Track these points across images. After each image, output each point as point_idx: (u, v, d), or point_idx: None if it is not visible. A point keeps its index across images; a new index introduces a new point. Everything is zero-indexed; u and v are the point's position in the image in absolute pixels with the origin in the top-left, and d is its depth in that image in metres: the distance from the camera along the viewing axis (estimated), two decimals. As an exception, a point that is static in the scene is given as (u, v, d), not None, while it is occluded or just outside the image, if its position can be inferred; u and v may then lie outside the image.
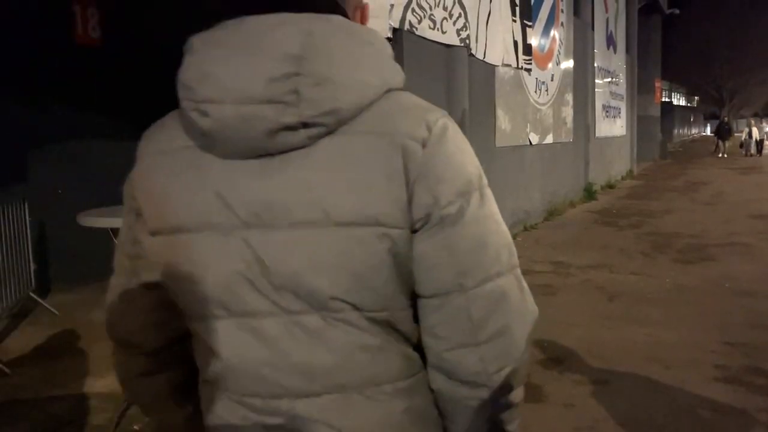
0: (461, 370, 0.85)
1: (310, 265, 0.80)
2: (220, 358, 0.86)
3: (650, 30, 24.49)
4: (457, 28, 6.52)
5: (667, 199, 13.12)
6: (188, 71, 0.81)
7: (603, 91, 15.66)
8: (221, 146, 0.80)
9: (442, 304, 0.83)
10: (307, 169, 0.79)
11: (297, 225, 0.79)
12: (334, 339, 0.82)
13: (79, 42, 6.39)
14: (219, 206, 0.81)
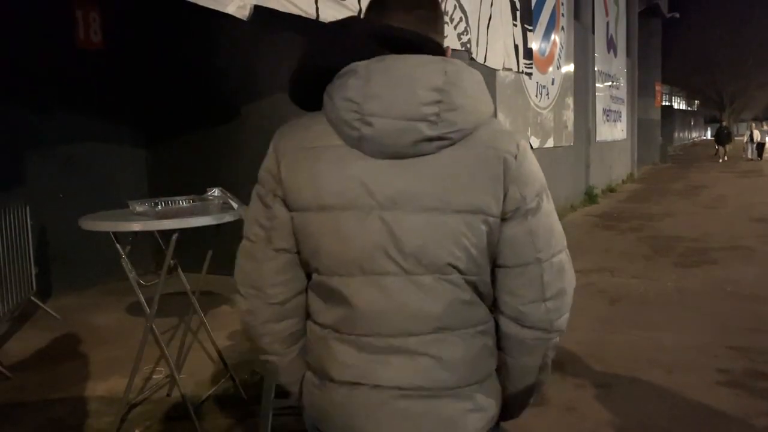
0: (531, 318, 1.17)
1: (433, 240, 1.10)
2: (350, 306, 1.14)
3: (650, 34, 24.51)
4: (458, 32, 6.53)
5: (668, 203, 13.12)
6: (355, 91, 1.08)
7: (603, 95, 15.67)
8: (371, 147, 1.09)
9: (522, 272, 1.15)
10: (434, 170, 1.09)
11: (424, 210, 1.09)
12: (441, 294, 1.13)
13: (81, 46, 6.41)
14: (362, 192, 1.10)
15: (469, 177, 1.10)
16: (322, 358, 1.20)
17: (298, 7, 4.37)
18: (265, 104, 6.36)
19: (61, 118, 6.27)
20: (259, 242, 1.22)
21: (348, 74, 1.10)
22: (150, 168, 7.25)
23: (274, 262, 1.21)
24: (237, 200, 3.21)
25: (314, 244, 1.15)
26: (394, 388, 1.14)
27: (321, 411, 1.22)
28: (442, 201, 1.09)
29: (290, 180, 1.15)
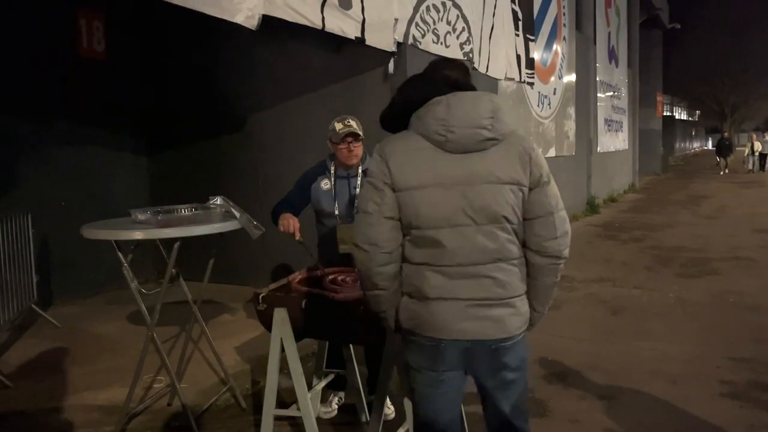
0: (549, 250, 1.88)
1: (493, 201, 1.81)
2: (442, 247, 1.82)
3: (651, 44, 24.58)
4: (460, 42, 6.54)
5: (670, 213, 13.11)
6: (442, 112, 1.80)
7: (605, 105, 15.70)
8: (452, 147, 1.81)
9: (543, 220, 1.86)
10: (490, 158, 1.82)
11: (486, 182, 1.81)
12: (497, 236, 1.84)
13: (84, 55, 6.43)
14: (446, 175, 1.81)
15: (509, 162, 1.84)
16: (418, 284, 1.87)
17: (304, 17, 4.41)
18: (268, 113, 6.37)
19: (64, 127, 6.28)
20: (374, 213, 1.85)
21: (435, 103, 1.83)
22: (152, 176, 7.25)
23: (384, 226, 1.85)
24: (239, 208, 3.21)
25: (416, 209, 1.82)
26: (468, 299, 1.84)
27: (419, 319, 1.89)
28: (496, 177, 1.82)
29: (397, 171, 1.83)
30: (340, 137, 3.16)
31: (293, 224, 3.12)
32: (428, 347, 1.90)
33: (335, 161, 3.31)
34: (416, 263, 1.87)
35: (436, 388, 1.95)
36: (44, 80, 6.01)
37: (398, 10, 5.46)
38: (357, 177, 3.29)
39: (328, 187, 3.31)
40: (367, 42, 5.09)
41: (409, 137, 1.85)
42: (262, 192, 6.15)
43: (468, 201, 1.80)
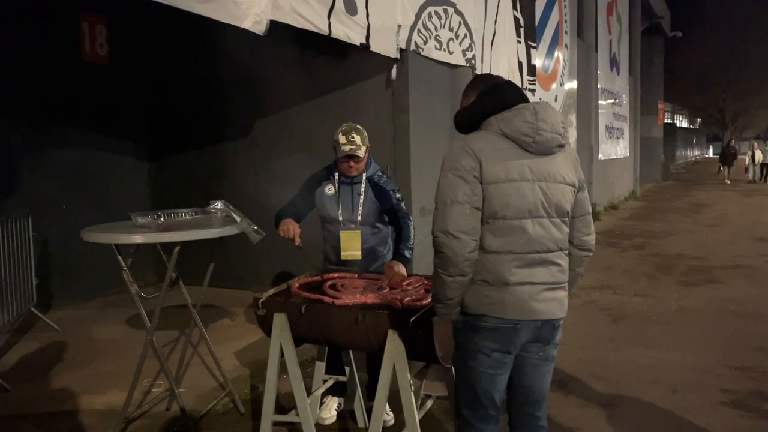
0: (586, 244, 2.24)
1: (563, 198, 2.11)
2: (527, 235, 2.05)
3: (653, 52, 24.62)
4: (462, 49, 6.55)
5: (671, 221, 13.10)
6: (531, 116, 2.06)
7: (606, 112, 15.70)
8: (537, 148, 2.06)
9: (584, 218, 2.22)
10: (557, 161, 2.11)
11: (557, 182, 2.09)
12: (562, 228, 2.14)
13: (86, 59, 6.44)
14: (529, 172, 2.05)
15: (569, 166, 2.16)
16: (499, 270, 2.05)
17: (311, 22, 4.43)
18: (270, 118, 6.38)
19: (66, 130, 6.28)
20: (465, 204, 2.02)
21: (522, 108, 2.09)
22: (153, 180, 7.25)
23: (474, 216, 2.03)
24: (239, 213, 3.20)
25: (505, 200, 2.03)
26: (541, 283, 2.09)
27: (497, 303, 2.07)
28: (563, 178, 2.12)
29: (488, 165, 2.02)
30: (342, 154, 3.17)
31: (293, 229, 3.13)
32: (503, 329, 2.08)
33: (339, 166, 3.31)
34: (494, 251, 2.06)
35: (500, 369, 2.15)
36: (47, 84, 6.02)
37: (401, 16, 5.47)
38: (361, 183, 3.30)
39: (332, 192, 3.33)
40: (371, 48, 5.11)
41: (492, 137, 2.07)
42: (263, 196, 6.14)
43: (546, 196, 2.06)
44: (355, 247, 3.28)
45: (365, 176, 3.30)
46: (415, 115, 5.76)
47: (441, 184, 2.07)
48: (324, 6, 4.59)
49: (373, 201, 3.30)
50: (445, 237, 2.01)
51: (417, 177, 5.77)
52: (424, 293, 2.73)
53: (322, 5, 4.57)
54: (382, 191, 3.30)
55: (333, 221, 3.34)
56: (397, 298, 2.61)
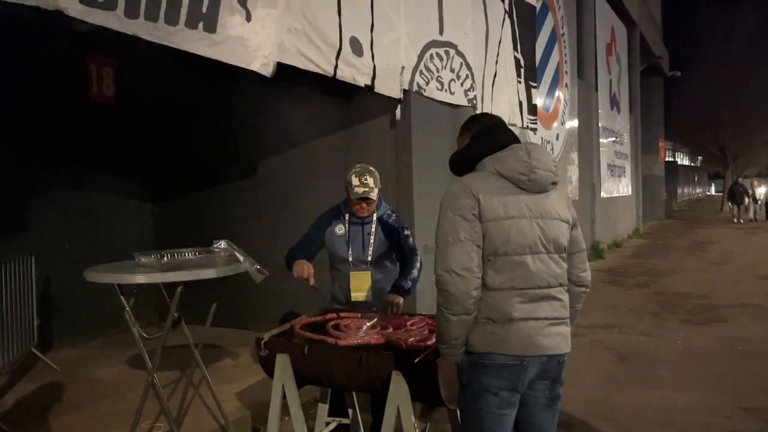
0: (583, 280, 2.29)
1: (560, 234, 2.15)
2: (528, 271, 2.08)
3: (653, 91, 24.91)
4: (464, 89, 6.64)
5: (675, 259, 13.05)
6: (525, 155, 2.13)
7: (608, 151, 15.81)
8: (532, 186, 2.12)
9: (579, 255, 2.27)
10: (551, 199, 2.17)
11: (553, 218, 2.14)
12: (561, 264, 2.17)
13: (94, 99, 6.53)
14: (526, 209, 2.10)
15: (563, 203, 2.22)
16: (503, 307, 2.07)
17: (317, 65, 4.52)
18: (274, 158, 6.43)
19: (72, 170, 6.32)
20: (467, 242, 2.05)
21: (516, 148, 2.17)
22: (157, 220, 7.27)
23: (476, 254, 2.06)
24: (243, 252, 3.21)
25: (505, 237, 2.07)
26: (545, 318, 2.10)
27: (502, 340, 2.06)
28: (558, 214, 2.17)
29: (486, 204, 2.07)
30: (356, 196, 3.19)
31: (307, 270, 3.14)
32: (511, 366, 2.08)
33: (350, 206, 3.32)
34: (497, 288, 2.08)
35: (508, 409, 2.14)
36: (55, 123, 6.09)
37: (404, 58, 5.57)
38: (371, 224, 3.31)
39: (342, 232, 3.33)
40: (376, 89, 5.19)
41: (488, 176, 2.14)
42: (267, 235, 6.16)
43: (543, 232, 2.11)
44: (366, 288, 3.27)
45: (376, 216, 3.32)
46: (417, 154, 5.80)
47: (441, 224, 2.11)
48: (332, 48, 4.68)
49: (383, 241, 3.31)
50: (448, 275, 2.03)
51: (420, 215, 5.78)
52: (428, 333, 2.71)
53: (330, 48, 4.67)
54: (391, 230, 3.32)
55: (343, 261, 3.33)
56: (401, 339, 2.59)
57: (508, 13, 8.01)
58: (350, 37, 4.90)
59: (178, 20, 3.63)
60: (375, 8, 5.19)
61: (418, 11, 5.81)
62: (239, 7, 3.99)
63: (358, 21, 5.02)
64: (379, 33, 5.23)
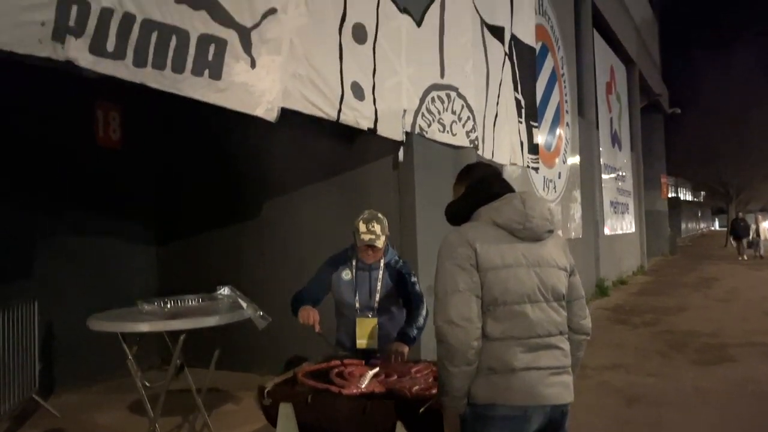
0: (583, 328, 2.28)
1: (558, 282, 2.16)
2: (528, 319, 2.07)
3: (653, 128, 25.13)
4: (466, 130, 6.70)
5: (681, 296, 12.94)
6: (520, 204, 2.16)
7: (610, 188, 15.85)
8: (528, 234, 2.14)
9: (578, 302, 2.26)
10: (547, 247, 2.19)
11: (550, 266, 2.16)
12: (560, 312, 2.16)
13: (100, 143, 6.61)
14: (523, 257, 2.12)
15: (560, 251, 2.23)
16: (504, 357, 2.05)
17: (320, 109, 4.60)
18: (277, 200, 6.46)
19: (77, 214, 6.36)
20: (465, 292, 2.05)
21: (510, 198, 2.21)
22: (161, 264, 7.27)
23: (475, 304, 2.06)
24: (246, 298, 3.20)
25: (505, 285, 2.07)
26: (546, 368, 2.09)
27: (505, 391, 2.05)
28: (555, 262, 2.17)
29: (483, 253, 2.08)
30: (363, 243, 3.19)
31: (313, 316, 3.13)
32: (514, 418, 2.07)
33: (357, 252, 3.32)
34: (497, 338, 2.07)
35: None
36: (61, 169, 6.16)
37: (406, 101, 5.64)
38: (378, 270, 3.30)
39: (348, 277, 3.32)
40: (378, 132, 5.25)
41: (484, 226, 2.17)
42: (271, 279, 6.14)
43: (541, 280, 2.11)
44: (372, 336, 3.24)
45: (383, 263, 3.31)
46: (420, 195, 5.83)
47: (439, 274, 2.12)
48: (335, 93, 4.75)
49: (390, 287, 3.30)
50: (448, 326, 2.03)
51: (424, 255, 5.77)
52: (432, 381, 2.68)
53: (333, 93, 4.74)
54: (399, 276, 3.31)
55: (349, 307, 3.31)
56: (406, 387, 2.56)
57: (508, 55, 8.13)
58: (352, 81, 4.97)
59: (184, 68, 3.71)
60: (377, 53, 5.28)
61: (420, 55, 5.90)
62: (244, 55, 4.07)
63: (360, 66, 5.11)
64: (381, 77, 5.31)
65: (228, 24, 3.96)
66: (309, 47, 4.55)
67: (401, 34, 5.64)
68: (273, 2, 4.25)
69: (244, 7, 4.06)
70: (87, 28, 3.25)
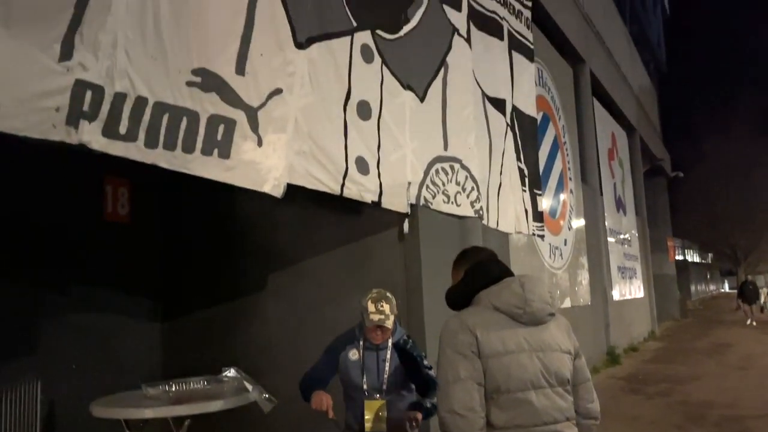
0: (591, 412, 2.24)
1: (562, 366, 2.12)
2: (533, 406, 2.02)
3: (657, 191, 25.26)
4: (470, 201, 6.74)
5: (694, 363, 12.67)
6: (518, 288, 2.14)
7: (617, 253, 15.80)
8: (528, 319, 2.12)
9: (585, 386, 2.23)
10: (549, 330, 2.16)
11: (553, 351, 2.12)
12: (566, 397, 2.12)
13: (108, 218, 6.67)
14: (525, 342, 2.09)
15: (563, 334, 2.19)
16: None
17: (325, 184, 4.67)
18: (282, 272, 6.44)
19: (83, 291, 6.33)
20: (467, 380, 2.01)
21: (511, 282, 2.19)
22: (166, 343, 7.18)
23: (478, 392, 2.03)
24: (252, 381, 3.15)
25: (508, 372, 2.03)
26: None
27: None
28: (558, 346, 2.14)
29: (485, 340, 2.05)
30: (371, 324, 3.16)
31: (326, 402, 3.06)
32: None
33: (364, 332, 3.27)
34: (502, 427, 2.04)
35: None
36: (68, 245, 6.17)
37: (410, 174, 5.72)
38: (387, 350, 3.25)
39: (356, 357, 3.26)
40: (382, 205, 5.30)
41: (484, 311, 2.16)
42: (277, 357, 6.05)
43: (544, 366, 2.08)
44: (380, 418, 3.16)
45: (391, 342, 3.26)
46: (426, 266, 5.81)
47: (441, 363, 2.10)
48: (338, 168, 4.83)
49: (399, 368, 3.23)
50: (451, 417, 2.00)
51: (431, 328, 5.69)
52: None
53: (336, 168, 4.82)
54: (409, 358, 3.22)
55: (357, 389, 3.24)
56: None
57: (510, 126, 8.28)
58: (356, 156, 5.06)
59: (194, 148, 3.80)
60: (381, 129, 5.40)
61: (423, 129, 6.02)
62: (251, 133, 4.17)
63: (365, 141, 5.21)
64: (385, 151, 5.40)
65: (236, 104, 4.07)
66: (313, 125, 4.66)
67: (405, 110, 5.78)
68: (279, 83, 4.39)
69: (251, 87, 4.20)
70: (101, 112, 3.35)
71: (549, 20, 11.33)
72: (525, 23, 9.19)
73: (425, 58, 6.25)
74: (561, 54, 12.56)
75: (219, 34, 4.06)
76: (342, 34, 5.07)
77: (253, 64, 4.19)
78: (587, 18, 14.36)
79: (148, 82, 3.56)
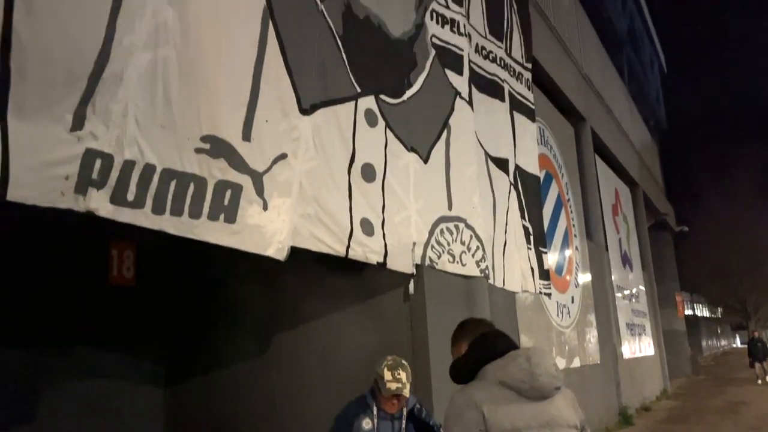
0: None
1: None
2: None
3: (663, 246, 25.15)
4: (476, 260, 6.74)
5: (710, 424, 12.33)
6: (525, 362, 2.09)
7: (625, 309, 15.62)
8: (535, 393, 2.07)
9: None
10: (556, 404, 2.11)
11: (560, 426, 2.08)
12: None
13: (113, 282, 6.67)
14: (533, 419, 2.03)
15: (570, 408, 2.16)
16: None
17: (330, 246, 4.69)
18: (287, 334, 6.39)
19: (87, 354, 6.30)
20: None
21: (515, 355, 2.14)
22: (168, 408, 7.08)
23: None
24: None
25: None
26: None
27: None
28: (565, 421, 2.10)
29: (492, 416, 2.02)
30: (389, 393, 3.11)
31: None
32: None
33: (377, 399, 3.21)
34: None
35: None
36: (73, 308, 6.19)
37: (415, 234, 5.74)
38: (402, 419, 3.18)
39: (369, 427, 3.19)
40: (388, 266, 5.30)
41: (490, 386, 2.11)
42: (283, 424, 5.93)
43: None
44: None
45: (405, 410, 3.20)
46: (433, 326, 5.75)
47: None
48: (343, 230, 4.86)
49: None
50: None
51: (438, 389, 5.59)
52: None
53: (341, 230, 4.85)
54: (424, 427, 3.17)
55: None
56: None
57: (513, 185, 8.34)
58: (361, 218, 5.10)
59: (201, 213, 3.84)
60: (386, 190, 5.45)
61: (427, 190, 6.08)
62: (257, 198, 4.22)
63: (369, 203, 5.25)
64: (390, 213, 5.44)
65: (243, 170, 4.14)
66: (318, 188, 4.71)
67: (409, 171, 5.85)
68: (284, 148, 4.47)
69: (256, 153, 4.27)
70: (109, 179, 3.40)
71: (549, 81, 11.56)
72: (525, 84, 9.38)
73: (428, 121, 6.36)
74: (562, 113, 12.76)
75: (226, 101, 4.15)
76: (346, 99, 5.18)
77: (259, 130, 4.28)
78: (587, 78, 14.65)
79: (157, 149, 3.63)
